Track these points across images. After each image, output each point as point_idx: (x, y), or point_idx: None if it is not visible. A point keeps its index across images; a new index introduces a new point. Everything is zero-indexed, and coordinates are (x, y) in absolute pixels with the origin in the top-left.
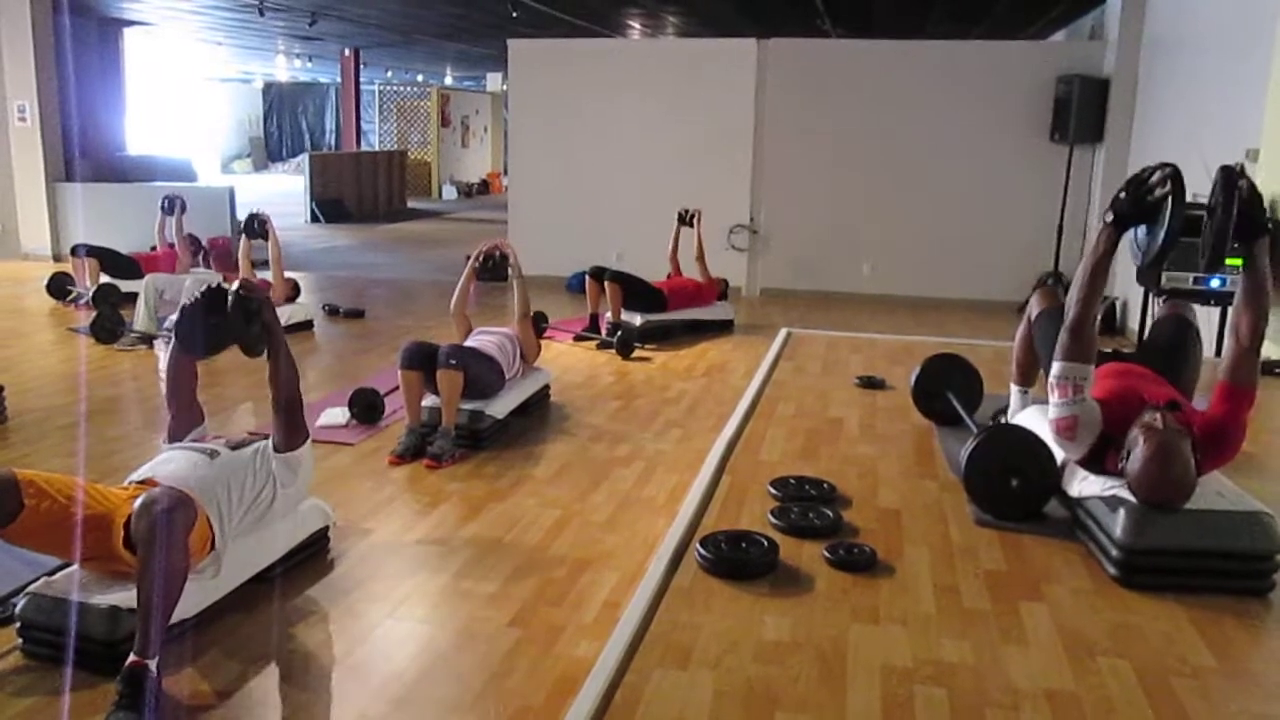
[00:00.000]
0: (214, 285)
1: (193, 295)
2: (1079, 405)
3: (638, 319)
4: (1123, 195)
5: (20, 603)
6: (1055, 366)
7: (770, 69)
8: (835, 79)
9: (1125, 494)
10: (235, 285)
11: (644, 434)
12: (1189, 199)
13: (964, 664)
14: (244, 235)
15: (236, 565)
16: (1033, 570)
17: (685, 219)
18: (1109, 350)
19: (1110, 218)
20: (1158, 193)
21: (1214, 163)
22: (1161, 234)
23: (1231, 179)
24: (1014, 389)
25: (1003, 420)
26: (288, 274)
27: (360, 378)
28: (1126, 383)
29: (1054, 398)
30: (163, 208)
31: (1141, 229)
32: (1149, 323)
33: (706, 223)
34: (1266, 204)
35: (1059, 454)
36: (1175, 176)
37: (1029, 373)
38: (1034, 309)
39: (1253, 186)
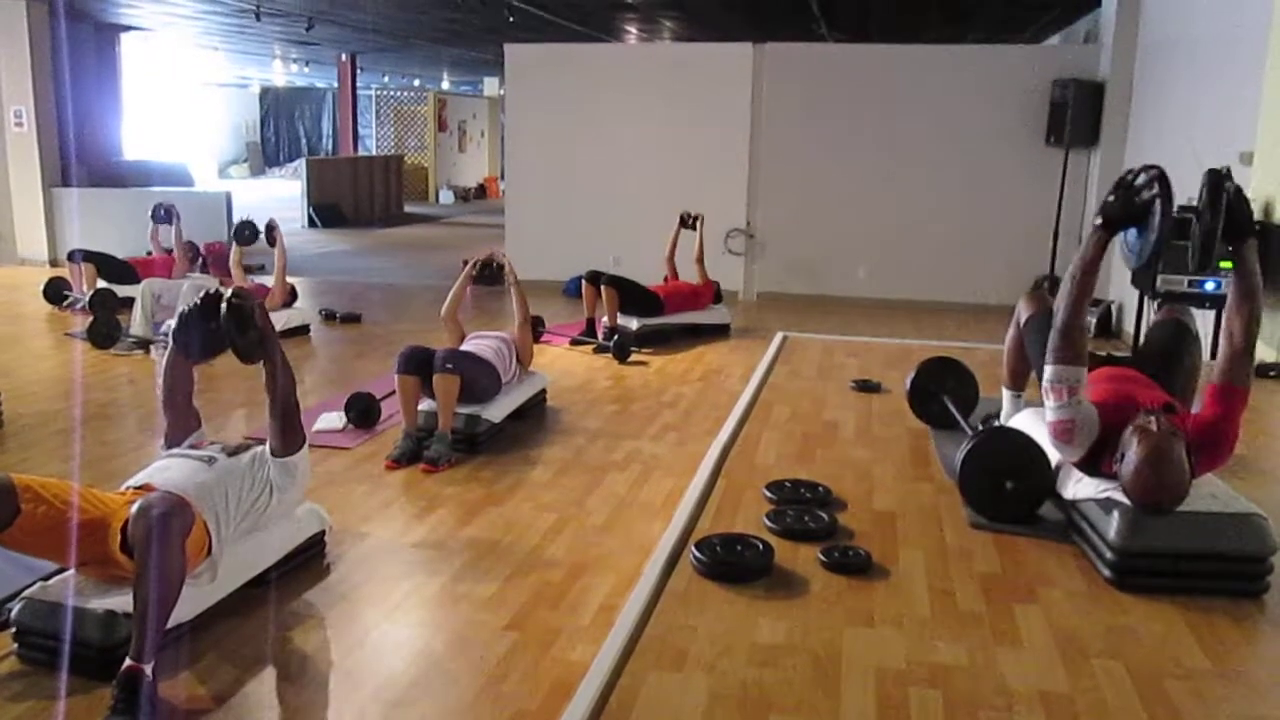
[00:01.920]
0: (211, 291)
1: (190, 301)
2: (1075, 408)
3: (634, 323)
4: (1111, 198)
5: (16, 607)
6: (1048, 370)
7: (767, 74)
8: (831, 84)
9: (1119, 496)
10: (229, 292)
11: (640, 438)
12: (1184, 202)
13: (958, 666)
14: (234, 242)
15: (233, 569)
16: (1027, 572)
17: (687, 222)
18: (1103, 354)
19: (1100, 221)
20: (1145, 194)
21: (1208, 164)
22: (1152, 236)
23: (1218, 182)
24: (1006, 393)
25: (995, 424)
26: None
27: (357, 382)
28: (1119, 387)
29: (1049, 401)
30: (154, 216)
31: (1132, 232)
32: (1144, 326)
33: (703, 227)
34: (1260, 206)
35: (1054, 457)
36: (1162, 178)
37: (1020, 377)
38: (1022, 313)
39: (1239, 190)
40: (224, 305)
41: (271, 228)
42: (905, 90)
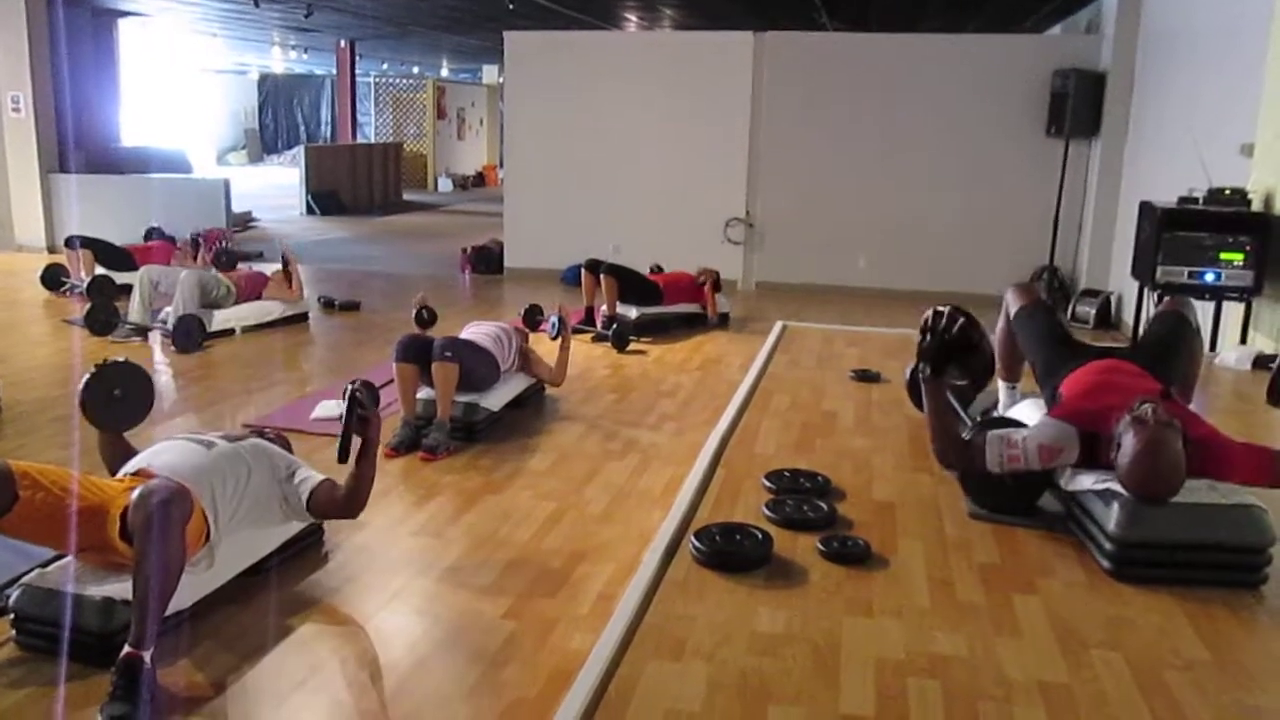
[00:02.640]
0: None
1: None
2: (1029, 442)
3: (633, 312)
4: (924, 342)
5: (14, 594)
6: (988, 457)
7: (767, 62)
8: (832, 73)
9: (1118, 487)
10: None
11: (639, 427)
12: (1186, 194)
13: (957, 656)
14: (213, 265)
15: (231, 557)
16: (1026, 563)
17: (702, 283)
18: (1101, 346)
19: (926, 371)
20: (955, 330)
21: (1209, 157)
22: (979, 362)
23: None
24: (1001, 385)
25: (995, 415)
26: (279, 268)
27: (355, 370)
28: (1108, 379)
29: (1021, 465)
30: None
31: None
32: (1144, 317)
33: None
34: (1261, 198)
35: None
36: (957, 310)
37: (1014, 368)
38: (1011, 306)
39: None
40: (349, 398)
41: (286, 262)
42: (905, 80)
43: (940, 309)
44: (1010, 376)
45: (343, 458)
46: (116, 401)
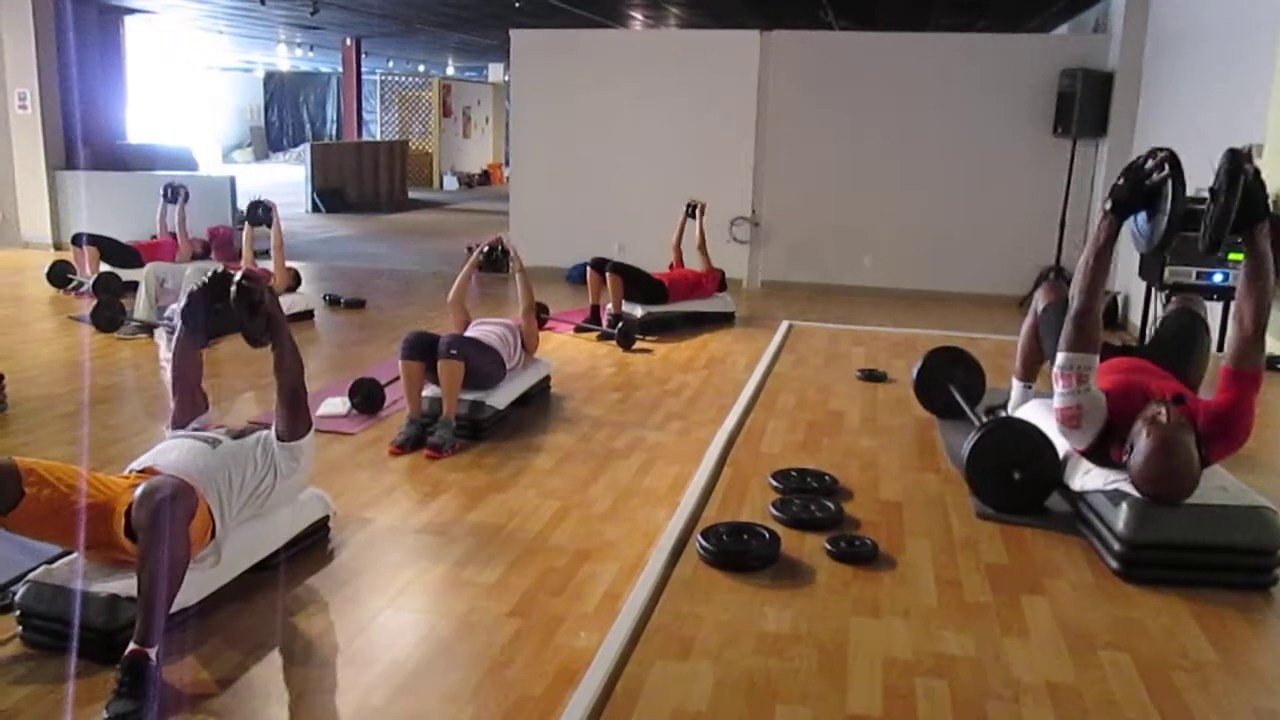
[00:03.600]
0: (218, 272)
1: (197, 282)
2: (1083, 394)
3: (639, 310)
4: (1121, 182)
5: (20, 591)
6: (1060, 357)
7: (773, 61)
8: (838, 71)
9: (1127, 488)
10: (239, 275)
11: (644, 425)
12: (1191, 194)
13: (965, 657)
14: (247, 223)
15: (237, 554)
16: (1034, 564)
17: (691, 211)
18: (1115, 344)
19: (1109, 205)
20: (1156, 177)
21: (1218, 156)
22: (1163, 219)
23: (1238, 162)
24: (1016, 383)
25: (1002, 414)
26: (289, 264)
27: (361, 368)
28: (1129, 377)
29: (1058, 387)
30: (165, 195)
31: (1142, 216)
32: (1150, 317)
33: (708, 215)
34: (1270, 199)
35: (1061, 447)
36: (1172, 160)
37: (1032, 368)
38: (1040, 302)
39: (1257, 173)
40: (233, 287)
41: (268, 208)
42: (912, 79)
43: (1160, 150)
44: (1026, 375)
45: (255, 341)
46: (215, 315)
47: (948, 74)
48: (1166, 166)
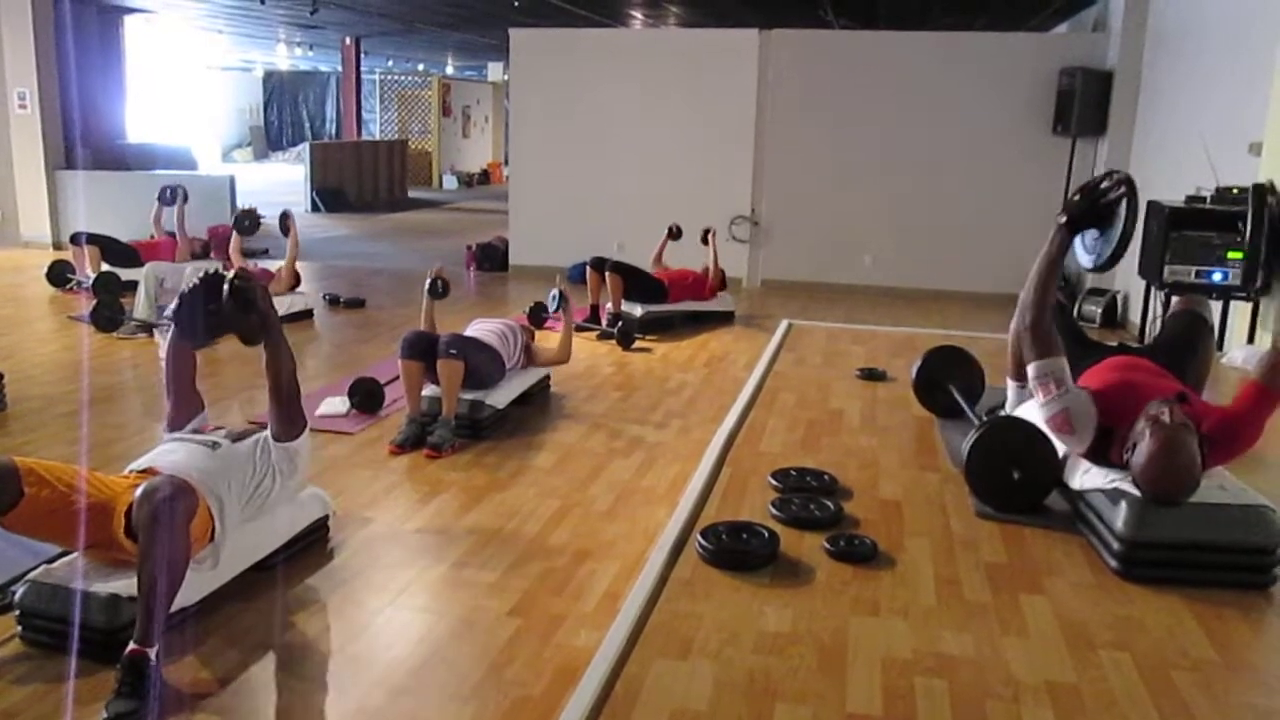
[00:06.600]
0: (212, 272)
1: (191, 282)
2: (1065, 397)
3: (638, 310)
4: (1077, 198)
5: (20, 590)
6: (1031, 369)
7: (772, 60)
8: (837, 70)
9: (1127, 486)
10: (232, 274)
11: (644, 425)
12: (1194, 193)
13: (964, 656)
14: (234, 230)
15: (236, 554)
16: (1033, 563)
17: (672, 233)
18: (1116, 344)
19: (1064, 219)
20: (1111, 196)
21: (1217, 154)
22: (1115, 237)
23: (1261, 195)
24: (1010, 384)
25: (1002, 414)
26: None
27: (360, 367)
28: (1129, 376)
29: (1039, 398)
30: (161, 198)
31: (1091, 233)
32: (1149, 316)
33: (707, 214)
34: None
35: (1060, 447)
36: (1128, 182)
37: (1023, 366)
38: None
39: None
40: (227, 286)
41: (286, 216)
42: (911, 78)
43: (1117, 172)
44: (1020, 376)
45: (250, 341)
46: (209, 314)
47: (947, 73)
48: (1123, 187)
